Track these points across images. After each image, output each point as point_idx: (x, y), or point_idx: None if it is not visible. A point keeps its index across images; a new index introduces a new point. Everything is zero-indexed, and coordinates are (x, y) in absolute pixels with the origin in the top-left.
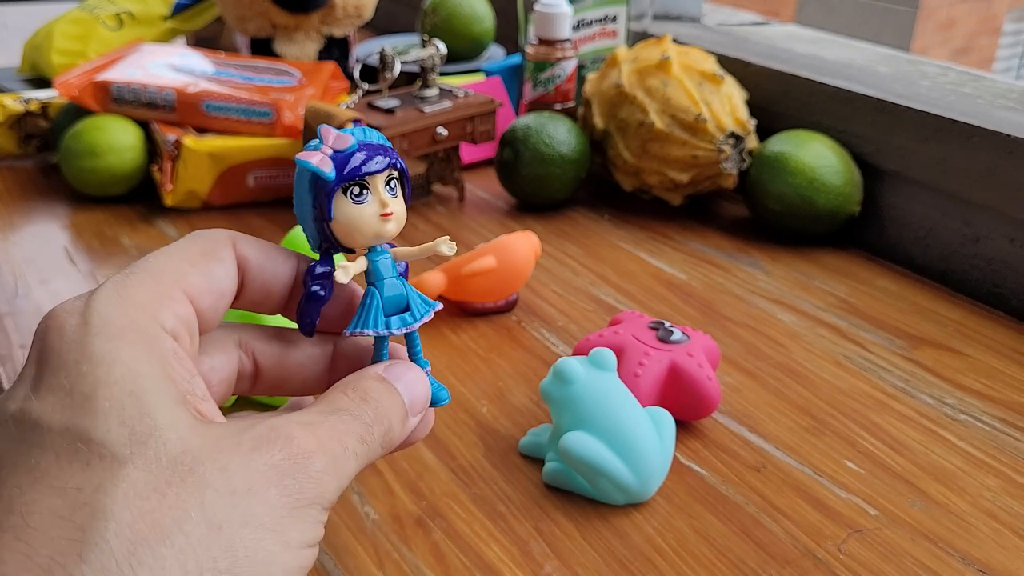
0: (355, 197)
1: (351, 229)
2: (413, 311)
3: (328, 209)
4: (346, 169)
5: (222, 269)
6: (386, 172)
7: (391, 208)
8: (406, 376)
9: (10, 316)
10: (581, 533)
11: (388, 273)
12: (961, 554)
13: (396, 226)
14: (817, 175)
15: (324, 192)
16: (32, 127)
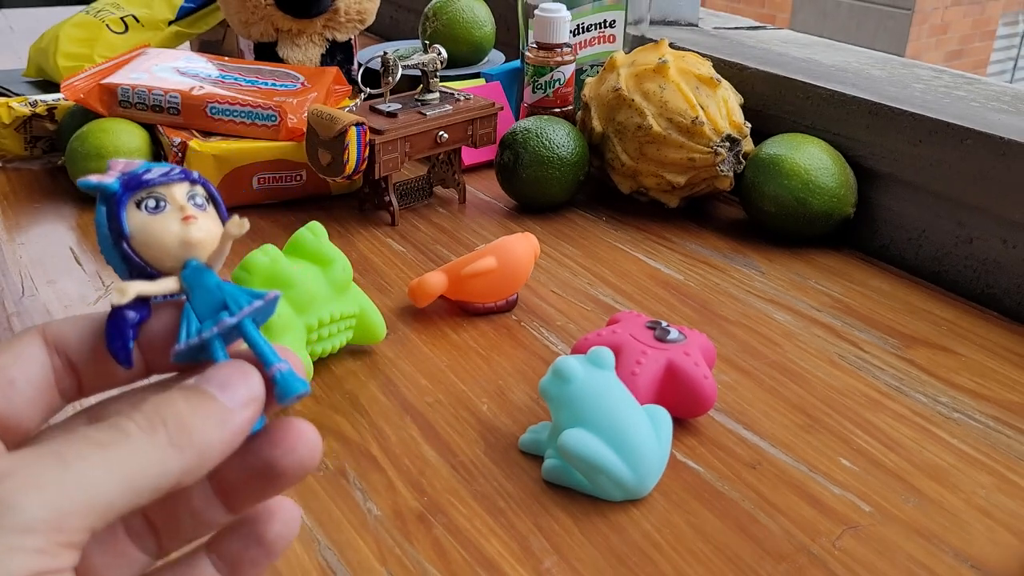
0: (150, 209)
1: (152, 241)
2: (230, 307)
3: (121, 224)
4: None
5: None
6: (183, 184)
7: (190, 212)
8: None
9: (17, 316)
10: (580, 529)
11: (198, 283)
12: (954, 550)
13: (203, 233)
14: (812, 177)
15: (114, 208)
16: (39, 129)
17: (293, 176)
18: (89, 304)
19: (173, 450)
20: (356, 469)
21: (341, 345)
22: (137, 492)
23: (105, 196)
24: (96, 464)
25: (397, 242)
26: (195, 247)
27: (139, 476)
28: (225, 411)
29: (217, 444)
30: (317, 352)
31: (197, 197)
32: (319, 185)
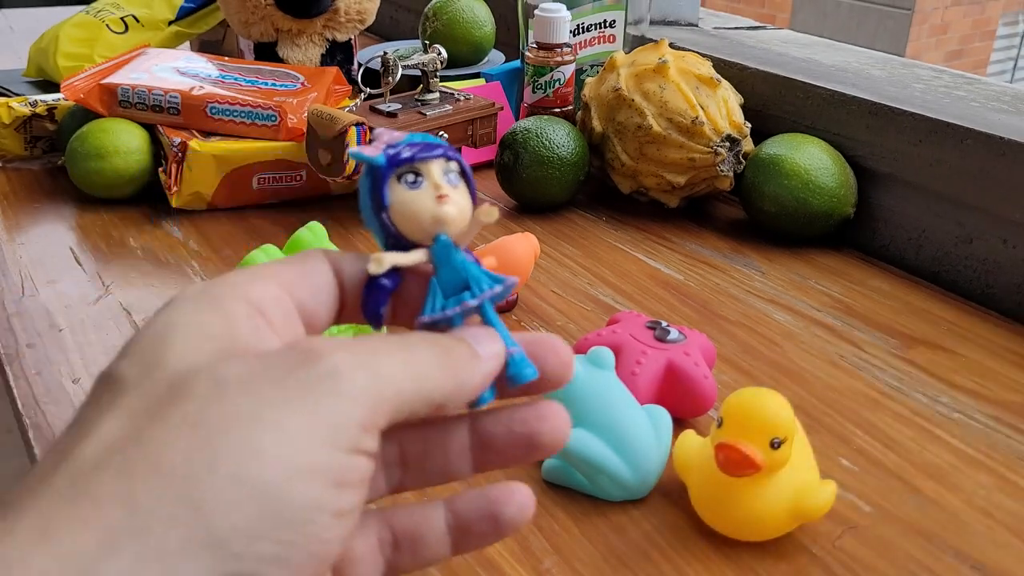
0: (409, 184)
1: (408, 214)
2: (473, 289)
3: (383, 196)
4: (397, 156)
5: (315, 265)
6: (440, 161)
7: (445, 191)
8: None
9: (17, 316)
10: (580, 529)
11: (446, 261)
12: (955, 550)
13: (455, 211)
14: (812, 177)
15: (378, 180)
16: (39, 129)
17: (293, 176)
18: (89, 304)
19: (446, 372)
20: None
21: None
22: (419, 394)
23: (371, 169)
24: (398, 359)
25: None
26: (446, 224)
27: (423, 380)
28: (478, 357)
29: (471, 382)
30: None
31: (451, 173)
32: (319, 185)
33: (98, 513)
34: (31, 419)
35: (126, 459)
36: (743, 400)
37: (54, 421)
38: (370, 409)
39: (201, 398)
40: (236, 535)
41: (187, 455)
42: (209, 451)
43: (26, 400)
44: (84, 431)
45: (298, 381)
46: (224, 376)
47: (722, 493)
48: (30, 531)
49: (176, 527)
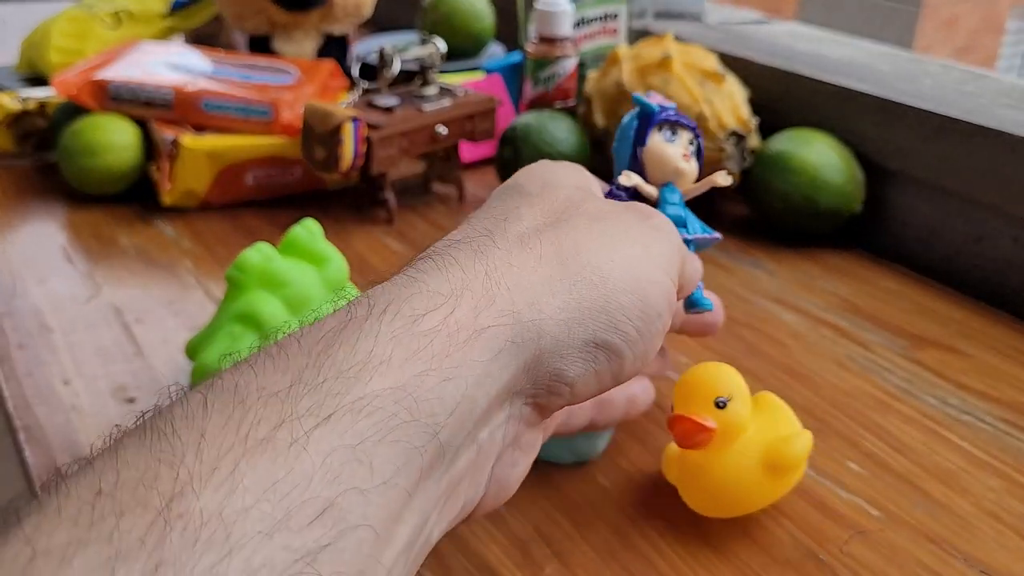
0: (667, 136)
1: (658, 157)
2: (687, 227)
3: (645, 136)
4: (665, 112)
5: None
6: (690, 133)
7: (690, 155)
8: None
9: (7, 316)
10: (582, 535)
11: (672, 202)
12: (964, 555)
13: (690, 170)
14: (819, 174)
15: (645, 124)
16: (29, 126)
17: (288, 172)
18: (80, 304)
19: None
20: None
21: None
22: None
23: (645, 113)
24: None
25: (394, 240)
26: (681, 177)
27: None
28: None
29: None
30: None
31: (692, 144)
32: (314, 181)
33: (540, 262)
34: (22, 421)
35: (556, 233)
36: (685, 376)
37: (45, 423)
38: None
39: (590, 214)
40: (619, 312)
41: (596, 245)
42: (610, 248)
43: (17, 401)
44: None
45: (647, 226)
46: (605, 208)
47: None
48: (499, 259)
49: (591, 290)
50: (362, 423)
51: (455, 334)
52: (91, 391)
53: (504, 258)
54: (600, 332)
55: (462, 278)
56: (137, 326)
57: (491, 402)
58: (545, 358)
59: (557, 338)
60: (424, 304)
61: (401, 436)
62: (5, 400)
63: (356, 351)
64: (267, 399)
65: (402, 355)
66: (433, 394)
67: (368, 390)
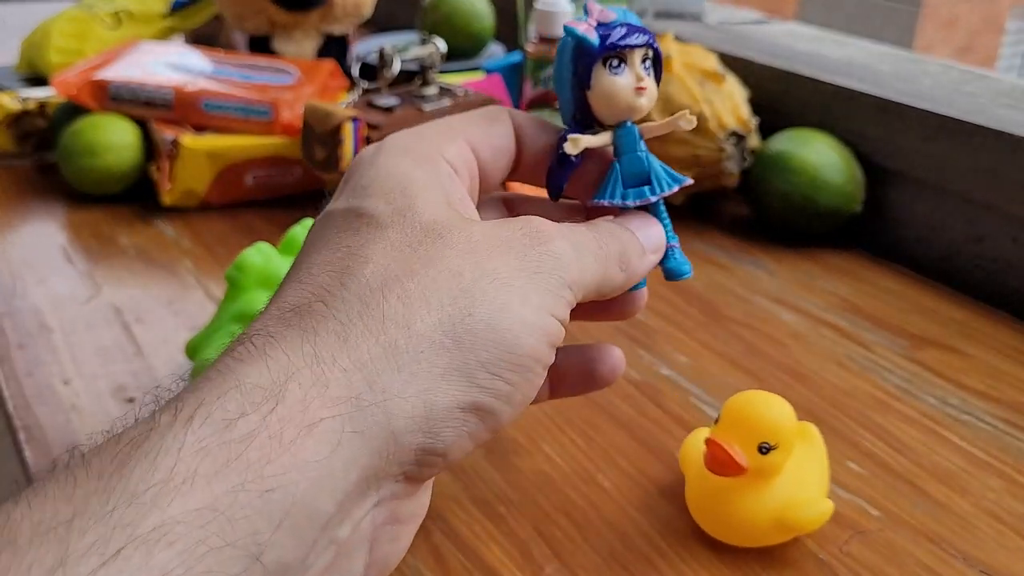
0: (613, 68)
1: (606, 98)
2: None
3: (588, 77)
4: (608, 40)
5: (500, 127)
6: (643, 49)
7: (645, 83)
8: (635, 219)
9: (7, 316)
10: (582, 535)
11: (631, 148)
12: (964, 555)
13: (648, 101)
14: (819, 174)
15: (586, 61)
16: (29, 126)
17: (288, 172)
18: (80, 304)
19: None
20: None
21: None
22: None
23: (583, 49)
24: (594, 257)
25: None
26: (637, 112)
27: (604, 279)
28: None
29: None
30: None
31: (648, 60)
32: (314, 182)
33: (383, 330)
34: (22, 421)
35: (404, 289)
36: (741, 401)
37: (45, 423)
38: (575, 291)
39: (459, 250)
40: (482, 370)
41: (451, 296)
42: (468, 297)
43: (17, 402)
44: (359, 254)
45: (534, 257)
46: (475, 238)
47: (711, 492)
48: (332, 335)
49: (442, 354)
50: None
51: (278, 435)
52: (91, 391)
53: (339, 331)
54: (462, 396)
55: (287, 364)
56: (137, 326)
57: (342, 500)
58: (403, 438)
59: (411, 415)
60: (239, 403)
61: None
62: (5, 400)
63: (155, 468)
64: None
65: (210, 469)
66: (252, 510)
67: (167, 516)
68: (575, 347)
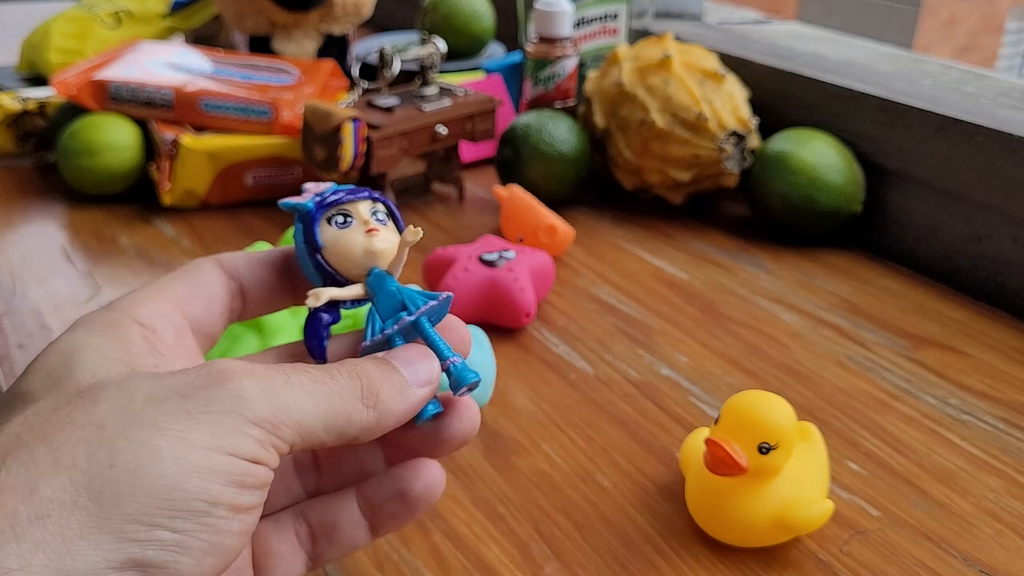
0: (339, 224)
1: (340, 251)
2: (408, 307)
3: (315, 238)
4: (324, 199)
5: (205, 277)
6: (367, 202)
7: (375, 225)
8: (400, 352)
9: (7, 316)
10: (582, 534)
11: (382, 288)
12: (963, 555)
13: (384, 243)
14: (819, 174)
15: (309, 224)
16: (30, 126)
17: (288, 172)
18: (80, 303)
19: (363, 406)
20: None
21: None
22: (328, 429)
23: (301, 215)
24: (308, 393)
25: None
26: (377, 256)
27: (334, 417)
28: (407, 386)
29: (396, 413)
30: None
31: (379, 213)
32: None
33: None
34: None
35: (31, 452)
36: (741, 400)
37: None
38: (268, 433)
39: (108, 403)
40: (133, 522)
41: (89, 451)
42: (109, 448)
43: None
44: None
45: (203, 397)
46: (132, 388)
47: (711, 492)
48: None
49: (75, 514)
50: None
51: None
52: None
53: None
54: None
55: None
56: None
57: None
58: None
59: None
60: None
61: None
62: None
63: None
64: None
65: None
66: None
67: None
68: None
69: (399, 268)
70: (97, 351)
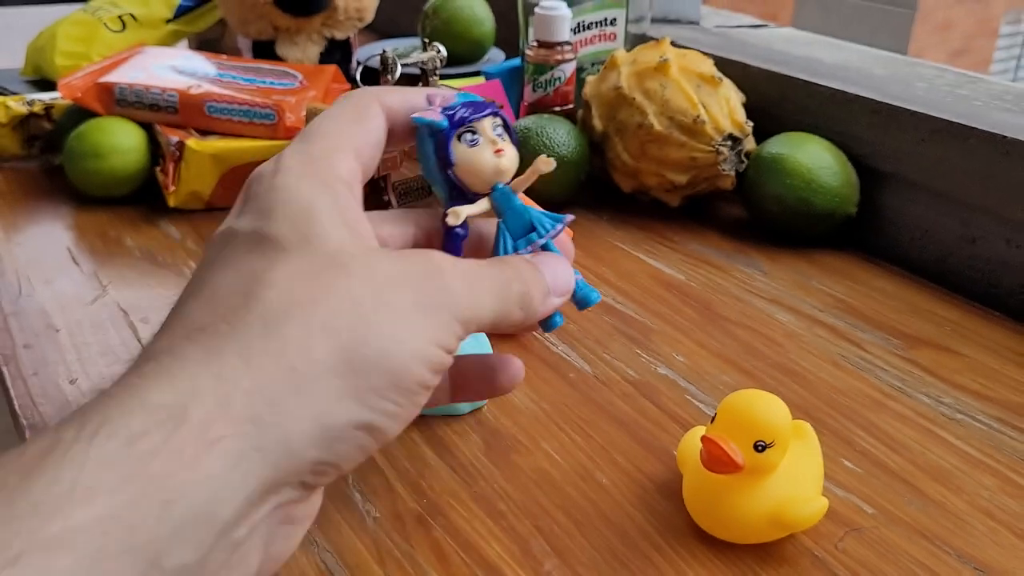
0: (469, 141)
1: (471, 169)
2: (538, 229)
3: (448, 155)
4: (456, 116)
5: (375, 124)
6: (490, 118)
7: (502, 146)
8: (547, 260)
9: (14, 316)
10: (581, 531)
11: (509, 206)
12: (958, 552)
13: (509, 162)
14: (814, 176)
15: (442, 142)
16: (36, 129)
17: None
18: (86, 304)
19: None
20: (354, 471)
21: None
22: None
23: (434, 131)
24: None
25: None
26: (504, 174)
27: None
28: (549, 294)
29: (538, 316)
30: None
31: (498, 128)
32: None
33: (285, 353)
34: (28, 420)
35: (305, 315)
36: (737, 400)
37: (51, 422)
38: (465, 325)
39: (359, 280)
40: (373, 394)
41: (351, 326)
42: (364, 327)
43: (23, 401)
44: (264, 279)
45: (427, 290)
46: (374, 268)
47: (707, 489)
48: (235, 356)
49: (337, 379)
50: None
51: (180, 451)
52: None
53: (242, 353)
54: (355, 416)
55: (190, 384)
56: (143, 326)
57: (240, 507)
58: (300, 453)
59: (308, 433)
60: (143, 421)
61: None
62: (11, 399)
63: (58, 480)
64: None
65: (114, 481)
66: (152, 519)
67: (70, 523)
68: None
69: (524, 187)
70: (327, 212)
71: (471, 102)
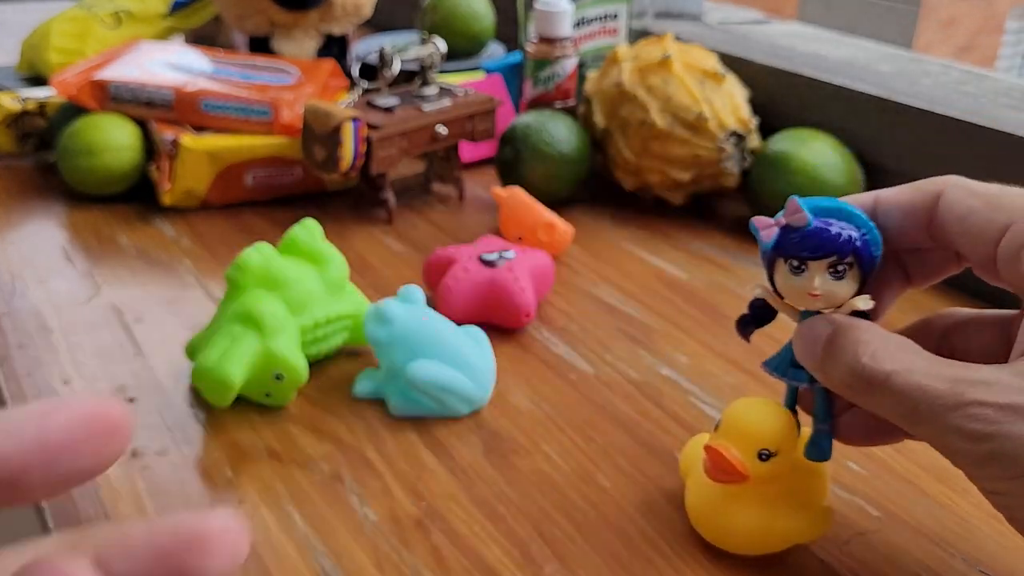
0: (793, 268)
1: (784, 291)
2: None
3: (770, 269)
4: (780, 244)
5: None
6: (829, 257)
7: (819, 291)
8: None
9: (7, 316)
10: (582, 535)
11: None
12: (964, 555)
13: (823, 304)
14: (819, 174)
15: (767, 255)
16: (29, 126)
17: (288, 172)
18: (80, 304)
19: None
20: (352, 474)
21: (337, 346)
22: None
23: (760, 245)
24: None
25: (394, 240)
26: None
27: None
28: None
29: None
30: (312, 353)
31: (840, 265)
32: (314, 182)
33: None
34: None
35: None
36: (740, 407)
37: None
38: None
39: None
40: None
41: None
42: None
43: (17, 402)
44: None
45: None
46: None
47: (711, 500)
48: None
49: None
50: None
51: None
52: (91, 391)
53: None
54: None
55: None
56: (137, 326)
57: None
58: None
59: None
60: None
61: None
62: (5, 400)
63: None
64: None
65: None
66: None
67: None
68: None
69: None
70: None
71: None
